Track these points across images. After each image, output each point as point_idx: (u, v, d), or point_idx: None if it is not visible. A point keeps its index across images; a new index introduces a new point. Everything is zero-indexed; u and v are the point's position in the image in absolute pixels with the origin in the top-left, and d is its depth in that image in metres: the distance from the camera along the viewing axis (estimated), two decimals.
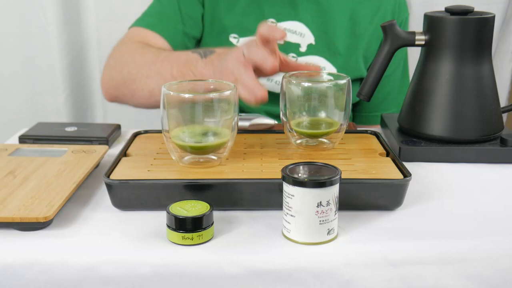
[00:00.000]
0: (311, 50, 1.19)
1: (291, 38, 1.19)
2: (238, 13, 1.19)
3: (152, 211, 0.72)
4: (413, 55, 1.47)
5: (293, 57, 1.19)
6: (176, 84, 0.79)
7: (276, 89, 1.19)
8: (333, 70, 1.20)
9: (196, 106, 0.75)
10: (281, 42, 0.85)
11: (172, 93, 0.75)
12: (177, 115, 0.76)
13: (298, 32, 1.19)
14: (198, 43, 1.24)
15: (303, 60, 1.19)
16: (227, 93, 0.76)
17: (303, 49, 1.19)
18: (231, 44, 1.19)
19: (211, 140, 0.77)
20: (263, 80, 1.19)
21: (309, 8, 1.20)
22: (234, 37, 1.18)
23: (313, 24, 1.19)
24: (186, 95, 0.75)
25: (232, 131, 0.78)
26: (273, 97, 1.20)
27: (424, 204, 0.75)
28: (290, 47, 1.19)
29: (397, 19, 1.24)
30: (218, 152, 0.78)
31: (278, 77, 1.18)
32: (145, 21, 1.19)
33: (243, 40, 1.18)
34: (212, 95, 0.75)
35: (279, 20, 1.19)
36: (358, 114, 1.31)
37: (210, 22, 1.20)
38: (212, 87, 0.80)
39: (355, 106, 1.30)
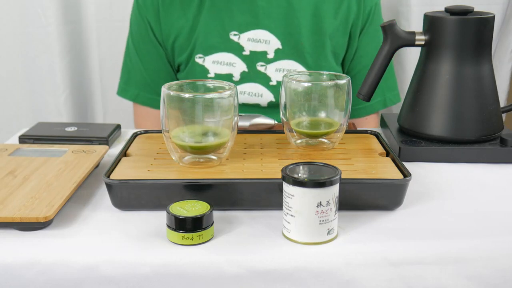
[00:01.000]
0: (279, 55, 1.18)
1: (257, 47, 1.18)
2: (200, 33, 1.18)
3: (152, 211, 0.72)
4: (413, 55, 1.48)
5: (261, 65, 1.18)
6: (176, 84, 0.79)
7: (251, 100, 1.19)
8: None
9: (196, 106, 0.75)
10: None
11: (172, 93, 0.75)
12: (177, 115, 0.76)
13: (263, 40, 1.18)
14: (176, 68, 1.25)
15: (272, 66, 1.18)
16: (227, 93, 0.76)
17: (270, 55, 1.18)
18: (198, 65, 1.19)
19: (211, 140, 0.77)
20: (242, 97, 1.19)
21: (270, 13, 1.18)
22: (200, 57, 1.18)
23: (277, 28, 1.18)
24: (186, 95, 0.75)
25: (232, 131, 0.78)
26: (249, 108, 1.20)
27: (424, 204, 0.75)
28: (257, 56, 1.18)
29: (364, 8, 1.20)
30: (218, 152, 0.78)
31: (251, 89, 1.18)
32: (142, 97, 1.26)
33: (208, 58, 1.18)
34: (212, 95, 0.75)
35: (241, 31, 1.18)
36: None
37: (177, 47, 1.21)
38: (212, 87, 0.80)
39: None
